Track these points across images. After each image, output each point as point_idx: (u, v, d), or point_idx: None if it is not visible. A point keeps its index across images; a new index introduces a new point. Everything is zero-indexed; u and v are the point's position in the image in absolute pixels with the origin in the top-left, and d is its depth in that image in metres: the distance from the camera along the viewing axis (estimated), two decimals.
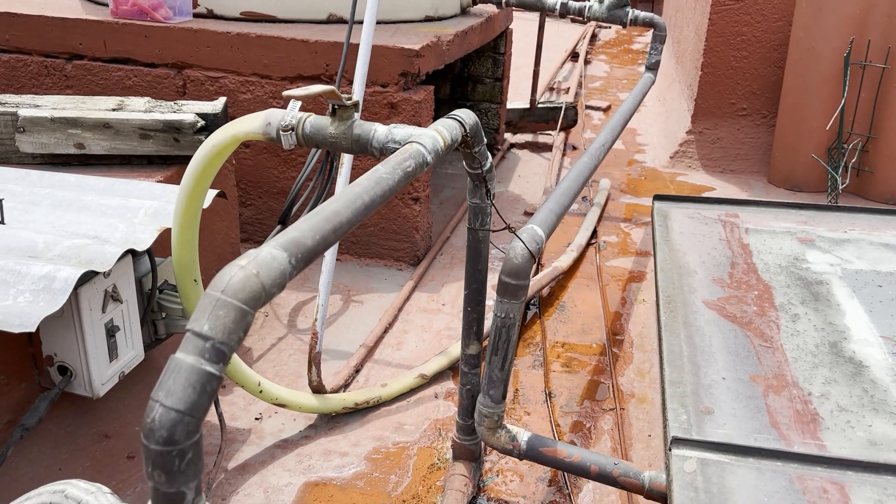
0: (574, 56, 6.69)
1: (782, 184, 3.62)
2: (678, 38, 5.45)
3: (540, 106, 4.30)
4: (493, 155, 4.00)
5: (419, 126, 2.54)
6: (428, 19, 3.07)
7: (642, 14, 3.04)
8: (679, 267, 2.02)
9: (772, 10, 3.60)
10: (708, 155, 3.87)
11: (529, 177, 3.79)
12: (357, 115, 1.25)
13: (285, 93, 1.11)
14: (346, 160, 1.90)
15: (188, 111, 1.91)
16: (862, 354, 1.61)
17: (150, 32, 2.58)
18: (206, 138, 1.91)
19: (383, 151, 1.21)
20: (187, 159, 1.94)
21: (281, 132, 1.23)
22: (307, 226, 0.85)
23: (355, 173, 2.50)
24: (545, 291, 2.58)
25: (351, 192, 0.95)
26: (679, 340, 1.67)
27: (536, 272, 2.65)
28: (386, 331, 2.28)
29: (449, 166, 3.81)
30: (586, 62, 6.66)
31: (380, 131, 1.21)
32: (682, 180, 3.76)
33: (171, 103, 1.98)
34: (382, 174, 1.02)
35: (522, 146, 4.28)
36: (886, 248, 2.12)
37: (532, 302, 2.50)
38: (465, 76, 3.94)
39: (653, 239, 2.22)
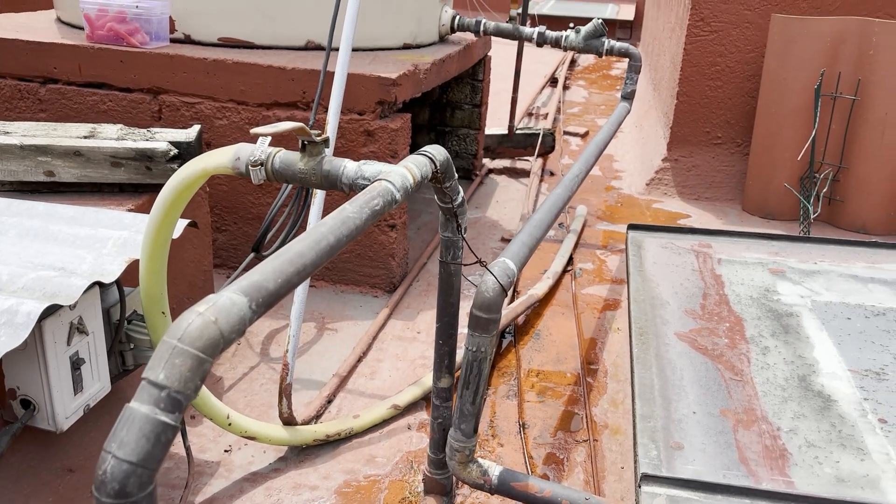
0: (553, 81, 6.76)
1: (756, 212, 3.66)
2: (655, 66, 5.53)
3: (518, 132, 4.33)
4: (472, 181, 4.02)
5: (396, 153, 2.56)
6: (406, 47, 3.09)
7: (618, 44, 3.08)
8: (652, 298, 2.03)
9: (745, 42, 3.67)
10: (683, 182, 3.91)
11: (507, 202, 3.80)
12: (328, 151, 1.25)
13: (252, 130, 1.11)
14: (319, 191, 1.90)
15: (161, 139, 1.90)
16: (830, 388, 1.62)
17: (125, 57, 2.57)
18: (178, 167, 1.90)
19: (353, 188, 1.21)
20: (159, 188, 1.92)
21: (250, 167, 1.23)
22: (269, 268, 0.85)
23: (330, 202, 2.50)
24: (521, 319, 2.58)
25: (316, 232, 0.94)
26: (651, 374, 1.67)
27: (512, 300, 2.65)
28: (360, 360, 2.27)
29: (427, 191, 3.81)
30: (565, 88, 6.72)
31: (349, 167, 1.21)
32: (658, 207, 3.80)
33: (145, 131, 1.96)
34: (349, 213, 1.01)
35: (501, 172, 4.30)
36: (855, 279, 2.15)
37: (507, 330, 2.50)
38: (443, 102, 3.96)
39: (626, 269, 2.23)
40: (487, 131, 4.29)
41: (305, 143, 1.21)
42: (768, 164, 3.57)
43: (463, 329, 2.08)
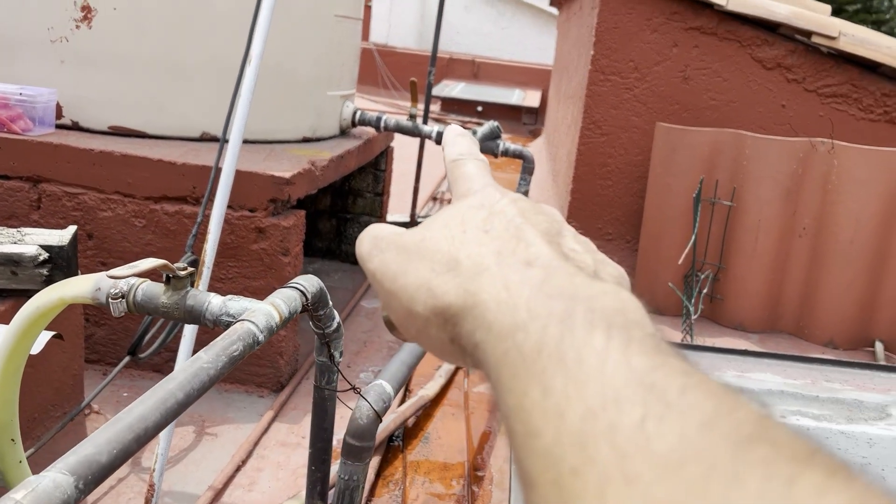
0: None
1: (645, 307, 3.80)
2: (555, 156, 5.76)
3: (419, 220, 4.39)
4: None
5: (287, 251, 2.53)
6: (306, 140, 3.11)
7: (512, 147, 3.20)
8: None
9: (633, 146, 3.89)
10: None
11: None
12: (203, 286, 1.22)
13: (108, 273, 1.08)
14: None
15: (31, 242, 1.82)
16: None
17: (4, 144, 2.47)
18: (48, 272, 1.82)
19: (217, 324, 1.18)
20: (27, 293, 1.82)
21: (110, 300, 1.18)
22: (104, 438, 0.80)
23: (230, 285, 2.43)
24: (411, 422, 2.55)
25: (163, 389, 0.91)
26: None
27: (403, 401, 2.63)
28: (238, 469, 2.18)
29: (326, 278, 3.78)
30: None
31: (214, 303, 1.19)
32: None
33: (14, 231, 1.87)
34: (204, 364, 0.99)
35: None
36: None
37: (396, 434, 2.47)
38: (346, 189, 3.98)
39: None
40: (390, 218, 4.33)
41: (169, 276, 1.18)
42: (655, 262, 3.74)
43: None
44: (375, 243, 0.43)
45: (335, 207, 4.04)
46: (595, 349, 0.30)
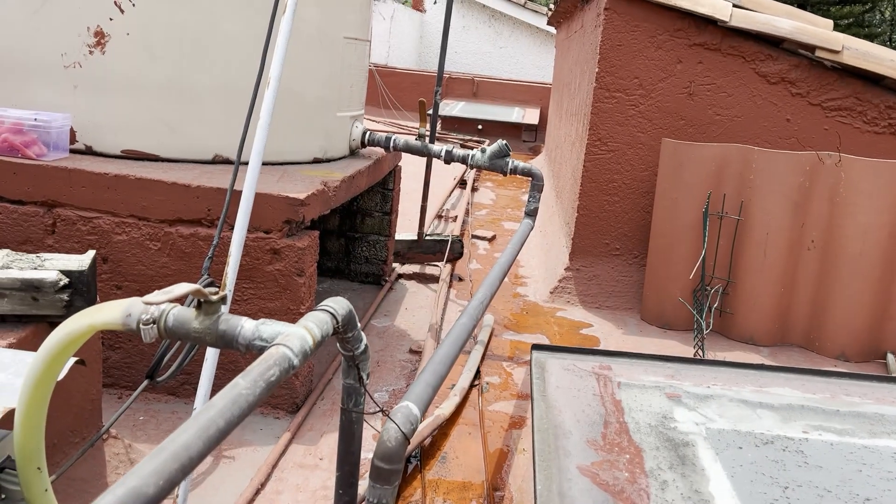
0: (463, 183, 6.95)
1: (654, 321, 3.81)
2: (558, 173, 5.78)
3: (427, 238, 4.39)
4: (381, 286, 4.02)
5: (302, 271, 2.53)
6: (316, 161, 3.12)
7: (521, 165, 3.22)
8: (555, 427, 2.05)
9: (639, 161, 3.90)
10: (585, 291, 4.04)
11: (416, 310, 3.81)
12: (224, 309, 1.22)
13: (143, 299, 1.08)
14: None
15: (51, 267, 1.81)
16: None
17: (19, 170, 2.48)
18: (69, 297, 1.82)
19: (249, 349, 1.18)
20: (47, 318, 1.83)
21: (141, 325, 1.18)
22: (149, 469, 0.80)
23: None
24: (427, 441, 2.54)
25: (204, 417, 0.91)
26: None
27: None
28: (257, 492, 2.16)
29: (341, 294, 3.78)
30: (474, 189, 6.92)
31: (246, 328, 1.19)
32: (562, 315, 3.89)
33: (34, 257, 1.88)
34: (242, 390, 0.98)
35: (410, 277, 4.33)
36: (745, 404, 2.24)
37: (414, 454, 2.46)
38: (354, 209, 3.99)
39: (531, 394, 2.26)
40: (398, 236, 4.34)
41: (201, 301, 1.18)
42: (664, 277, 3.74)
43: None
44: None
45: (343, 227, 4.05)
46: None
